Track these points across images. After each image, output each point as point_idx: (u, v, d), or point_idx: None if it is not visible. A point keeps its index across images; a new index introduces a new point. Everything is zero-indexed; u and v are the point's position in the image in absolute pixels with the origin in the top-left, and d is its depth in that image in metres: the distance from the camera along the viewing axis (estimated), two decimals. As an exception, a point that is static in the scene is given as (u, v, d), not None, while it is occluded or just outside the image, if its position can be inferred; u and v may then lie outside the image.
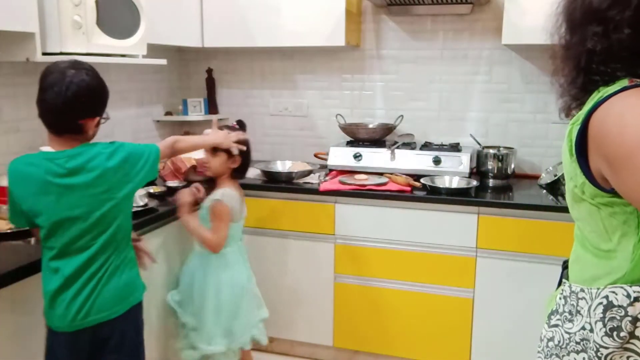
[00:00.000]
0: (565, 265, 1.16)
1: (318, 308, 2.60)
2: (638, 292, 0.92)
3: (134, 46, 2.14)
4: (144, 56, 2.22)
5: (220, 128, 2.09)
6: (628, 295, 0.92)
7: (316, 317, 2.62)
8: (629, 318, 0.91)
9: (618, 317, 0.93)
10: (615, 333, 0.93)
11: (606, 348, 0.93)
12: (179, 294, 2.12)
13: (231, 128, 2.12)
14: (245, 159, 2.10)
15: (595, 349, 0.95)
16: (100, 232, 1.45)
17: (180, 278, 2.15)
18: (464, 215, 2.34)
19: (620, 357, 0.93)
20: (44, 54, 1.84)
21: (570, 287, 1.04)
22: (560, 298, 1.08)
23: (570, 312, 1.03)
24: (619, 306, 0.93)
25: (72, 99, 1.38)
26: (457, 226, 2.35)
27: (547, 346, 1.08)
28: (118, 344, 1.50)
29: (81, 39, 1.88)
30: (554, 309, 1.09)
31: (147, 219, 1.94)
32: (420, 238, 2.42)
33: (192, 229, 2.02)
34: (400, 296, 2.49)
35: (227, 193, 2.02)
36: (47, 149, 1.46)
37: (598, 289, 0.96)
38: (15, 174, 1.41)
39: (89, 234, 1.44)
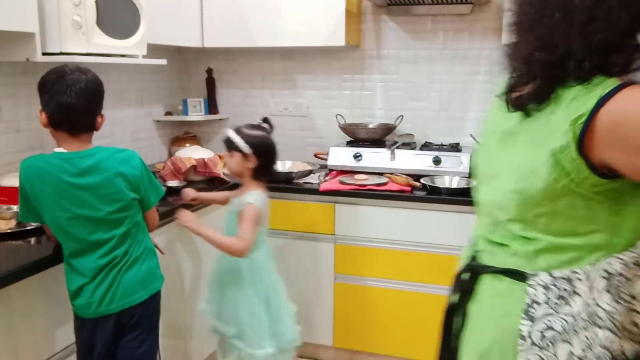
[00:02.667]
0: (471, 269, 1.17)
1: (318, 308, 2.60)
2: (629, 256, 0.96)
3: (134, 46, 2.14)
4: (144, 56, 2.22)
5: (237, 130, 2.03)
6: (623, 262, 0.96)
7: (316, 317, 2.62)
8: (629, 282, 0.96)
9: (620, 284, 0.96)
10: (622, 300, 0.96)
11: (618, 314, 0.96)
12: (212, 305, 2.08)
13: (257, 127, 2.05)
14: (265, 159, 2.00)
15: (610, 318, 0.97)
16: (113, 227, 1.51)
17: (209, 287, 2.11)
18: (464, 215, 2.34)
19: (629, 318, 0.96)
20: (44, 54, 1.84)
21: (550, 274, 1.02)
22: (534, 289, 1.03)
23: (561, 297, 1.01)
24: (619, 274, 0.96)
25: (92, 95, 1.49)
26: (457, 226, 2.35)
27: (544, 337, 1.02)
28: (136, 324, 1.60)
29: (81, 39, 1.88)
30: (528, 302, 1.04)
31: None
32: (420, 238, 2.42)
33: (208, 237, 1.95)
34: (401, 296, 2.49)
35: (257, 196, 1.97)
36: (60, 150, 1.50)
37: (591, 265, 0.98)
38: (30, 169, 1.47)
39: (100, 230, 1.49)
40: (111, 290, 1.52)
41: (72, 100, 1.45)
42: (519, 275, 1.07)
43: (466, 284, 1.16)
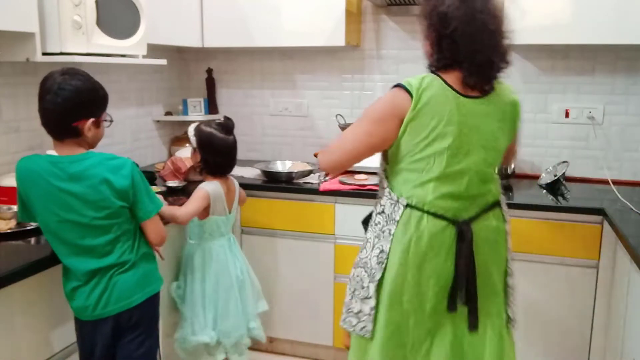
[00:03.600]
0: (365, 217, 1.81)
1: (318, 308, 2.60)
2: None
3: (134, 46, 2.14)
4: (144, 56, 2.22)
5: (208, 123, 2.10)
6: None
7: (316, 317, 2.62)
8: None
9: None
10: None
11: None
12: (179, 287, 2.15)
13: (217, 124, 2.09)
14: (208, 155, 2.05)
15: None
16: (101, 233, 1.49)
17: (180, 270, 2.18)
18: (464, 215, 2.34)
19: None
20: (44, 54, 1.84)
21: (500, 192, 1.66)
22: (503, 205, 1.65)
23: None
24: None
25: (63, 103, 1.43)
26: (457, 226, 2.35)
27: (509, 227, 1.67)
28: (134, 325, 1.59)
29: (81, 39, 1.88)
30: (504, 214, 1.64)
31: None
32: (420, 238, 2.42)
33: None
34: (400, 296, 2.49)
35: (211, 185, 2.05)
36: (52, 152, 1.50)
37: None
38: (23, 171, 1.49)
39: (88, 235, 1.48)
40: (106, 293, 1.51)
41: (48, 105, 1.44)
42: (497, 204, 1.62)
43: (466, 234, 1.52)
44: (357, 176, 2.59)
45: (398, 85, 1.55)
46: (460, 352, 1.58)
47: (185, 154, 2.55)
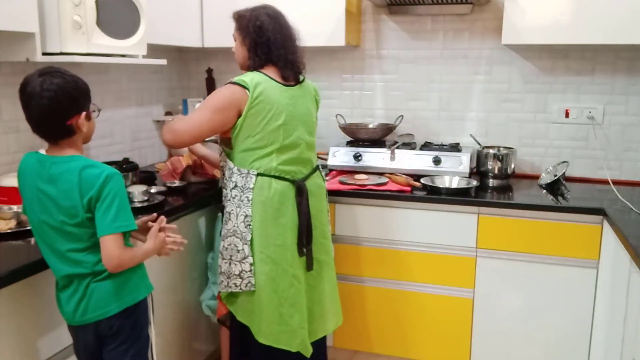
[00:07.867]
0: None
1: (318, 308, 2.60)
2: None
3: (134, 46, 2.14)
4: (144, 56, 2.22)
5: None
6: None
7: (316, 317, 2.61)
8: None
9: None
10: None
11: None
12: (212, 257, 2.35)
13: None
14: None
15: None
16: (72, 240, 1.45)
17: (214, 241, 2.35)
18: (464, 215, 2.34)
19: None
20: (44, 54, 1.84)
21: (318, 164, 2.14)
22: (323, 177, 2.14)
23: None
24: None
25: (52, 105, 1.39)
26: (457, 226, 2.35)
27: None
28: (115, 334, 1.55)
29: (81, 39, 1.88)
30: (321, 171, 2.15)
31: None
32: (420, 238, 2.42)
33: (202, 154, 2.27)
34: (400, 296, 2.49)
35: None
36: (42, 151, 1.49)
37: None
38: (21, 166, 1.50)
39: (59, 240, 1.45)
40: (84, 301, 1.48)
41: (37, 110, 1.39)
42: (318, 167, 2.10)
43: (303, 189, 1.95)
44: (357, 176, 2.59)
45: (233, 83, 1.87)
46: (308, 288, 2.00)
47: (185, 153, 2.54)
